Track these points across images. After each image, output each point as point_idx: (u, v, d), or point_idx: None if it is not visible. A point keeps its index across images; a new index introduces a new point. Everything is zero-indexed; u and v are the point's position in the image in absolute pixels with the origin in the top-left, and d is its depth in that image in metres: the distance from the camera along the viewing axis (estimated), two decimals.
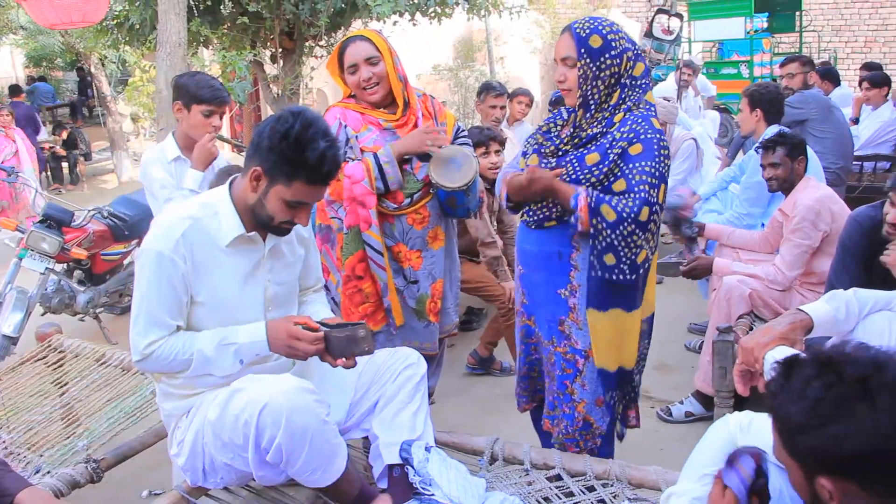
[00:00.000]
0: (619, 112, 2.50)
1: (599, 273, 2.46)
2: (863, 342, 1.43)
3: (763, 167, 4.02)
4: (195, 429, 2.28)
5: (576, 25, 2.48)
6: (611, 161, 2.45)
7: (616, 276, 2.44)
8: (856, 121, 7.60)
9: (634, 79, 2.51)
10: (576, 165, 2.51)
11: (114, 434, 2.85)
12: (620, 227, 2.38)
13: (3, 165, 7.42)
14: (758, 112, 4.71)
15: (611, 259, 2.43)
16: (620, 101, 2.50)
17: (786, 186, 3.94)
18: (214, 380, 2.28)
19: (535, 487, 2.55)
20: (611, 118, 2.50)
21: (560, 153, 2.58)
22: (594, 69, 2.45)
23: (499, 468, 2.67)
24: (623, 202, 2.40)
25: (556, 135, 2.65)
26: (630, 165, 2.44)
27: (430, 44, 11.46)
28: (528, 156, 2.68)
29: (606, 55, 2.44)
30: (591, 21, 2.48)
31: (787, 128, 4.76)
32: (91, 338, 4.81)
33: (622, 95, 2.50)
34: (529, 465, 2.64)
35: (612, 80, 2.48)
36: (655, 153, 2.43)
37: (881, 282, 2.80)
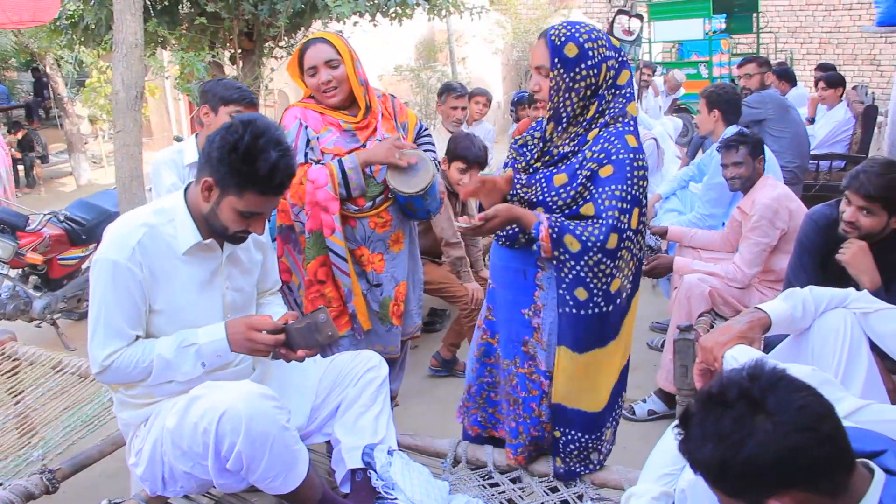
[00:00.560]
0: (595, 128, 2.33)
1: (574, 310, 2.29)
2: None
3: (725, 166, 4.06)
4: (153, 437, 2.24)
5: (551, 32, 2.30)
6: (579, 183, 2.30)
7: (592, 311, 2.28)
8: (812, 120, 7.72)
9: (617, 88, 2.35)
10: (543, 186, 2.37)
11: (70, 443, 2.80)
12: (586, 258, 2.23)
13: None
14: (716, 112, 4.76)
15: (582, 294, 2.26)
16: (598, 114, 2.34)
17: (747, 185, 3.98)
18: (173, 387, 2.24)
19: (499, 489, 2.55)
20: (584, 135, 2.34)
21: (531, 170, 2.45)
22: (567, 80, 2.28)
23: (462, 470, 2.67)
24: (589, 230, 2.23)
25: (530, 150, 2.50)
26: (600, 189, 2.26)
27: (392, 44, 11.43)
28: (505, 170, 2.55)
29: (582, 65, 2.26)
30: (569, 28, 2.30)
31: (745, 127, 4.82)
32: (49, 344, 4.73)
33: (600, 108, 2.34)
34: (493, 467, 2.64)
35: (588, 92, 2.31)
36: (627, 175, 2.25)
37: (837, 279, 2.85)
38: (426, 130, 3.30)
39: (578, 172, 2.31)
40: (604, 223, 2.23)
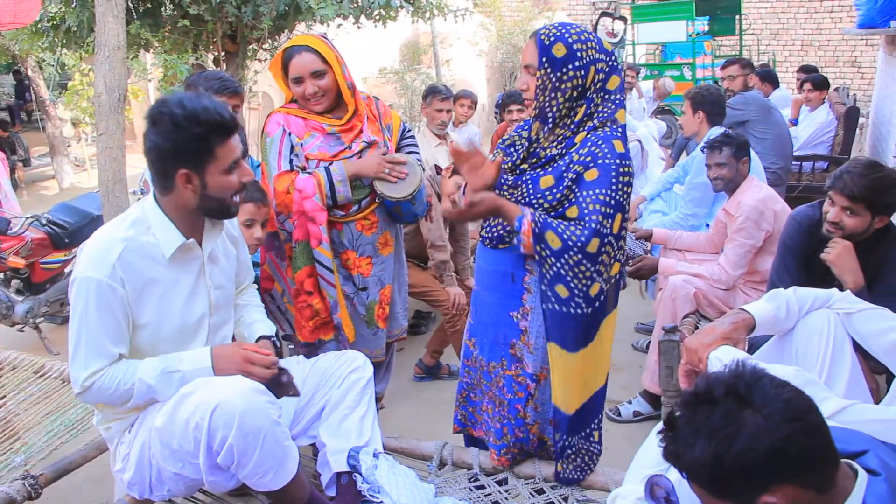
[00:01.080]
0: (582, 131, 2.32)
1: (556, 306, 2.29)
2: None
3: (709, 167, 4.08)
4: (141, 441, 2.23)
5: (542, 32, 2.29)
6: (565, 186, 2.28)
7: (572, 310, 2.27)
8: (794, 122, 7.76)
9: (607, 92, 2.33)
10: (529, 187, 2.35)
11: (53, 448, 2.78)
12: (566, 256, 2.22)
13: None
14: (700, 114, 4.79)
15: (563, 291, 2.26)
16: (585, 118, 2.32)
17: (731, 186, 4.00)
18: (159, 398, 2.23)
19: (485, 492, 2.55)
20: (572, 138, 2.32)
21: (517, 171, 2.43)
22: (554, 80, 2.26)
23: (448, 473, 2.67)
24: (571, 230, 2.22)
25: (517, 150, 2.47)
26: (584, 192, 2.25)
27: (376, 47, 11.41)
28: (495, 156, 2.54)
29: (569, 66, 2.24)
30: (560, 28, 2.28)
31: (729, 129, 4.84)
32: (31, 349, 4.70)
33: (588, 111, 2.31)
34: (479, 470, 2.64)
35: (575, 94, 2.29)
36: (612, 180, 2.24)
37: (821, 279, 2.87)
38: (410, 132, 3.29)
39: (565, 175, 2.29)
40: (586, 226, 2.22)
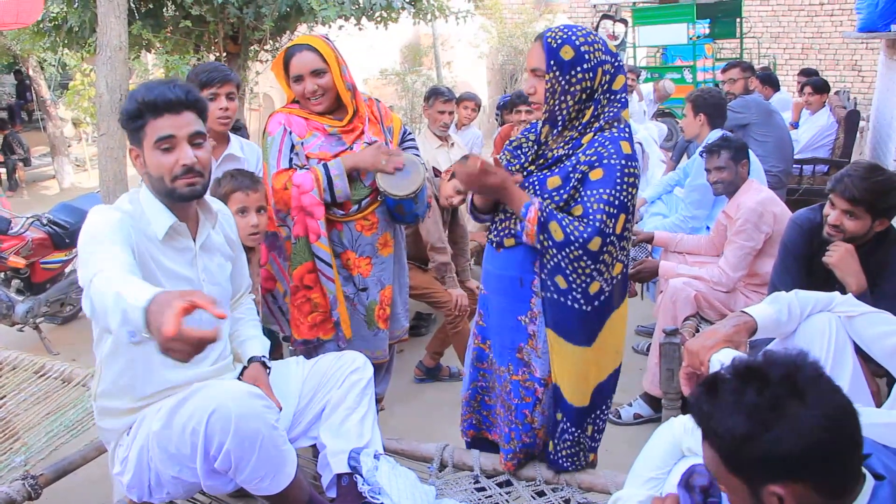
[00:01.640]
0: (589, 132, 2.32)
1: (555, 296, 2.31)
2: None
3: (708, 171, 4.08)
4: (139, 444, 2.21)
5: (548, 34, 2.29)
6: (571, 186, 2.30)
7: (570, 303, 2.29)
8: (795, 125, 7.76)
9: (613, 93, 2.33)
10: (537, 188, 2.36)
11: (53, 449, 2.77)
12: (567, 250, 2.23)
13: None
14: (701, 117, 4.79)
15: (562, 282, 2.28)
16: (593, 119, 2.32)
17: (731, 190, 4.00)
18: (155, 388, 2.21)
19: (486, 493, 2.54)
20: (579, 139, 2.33)
21: (525, 172, 2.44)
22: (563, 83, 2.26)
23: (449, 475, 2.66)
24: (574, 225, 2.24)
25: (524, 152, 2.48)
26: (589, 192, 2.26)
27: (377, 48, 11.42)
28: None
29: (578, 68, 2.25)
30: (565, 30, 2.28)
31: (730, 132, 4.84)
32: (31, 349, 4.69)
33: (595, 112, 2.32)
34: (479, 471, 2.64)
35: (584, 96, 2.29)
36: (617, 180, 2.24)
37: (823, 282, 2.87)
38: (410, 135, 3.29)
39: (571, 175, 2.30)
40: (589, 224, 2.23)
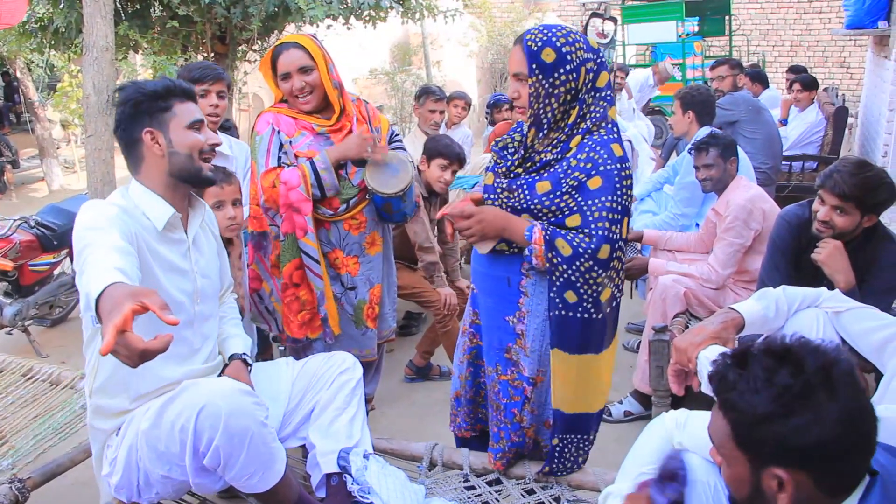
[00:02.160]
0: (577, 135, 2.28)
1: (563, 312, 2.27)
2: (798, 334, 1.45)
3: (697, 168, 4.09)
4: (128, 444, 2.21)
5: (528, 37, 2.24)
6: (564, 192, 2.26)
7: (581, 315, 2.27)
8: (784, 122, 7.79)
9: (597, 90, 2.29)
10: (525, 192, 2.32)
11: (41, 452, 2.76)
12: (577, 263, 2.20)
13: None
14: (690, 114, 4.80)
15: (572, 297, 2.25)
16: (579, 120, 2.29)
17: (719, 187, 4.01)
18: (149, 385, 2.21)
19: (475, 492, 2.54)
20: (567, 142, 2.29)
21: (512, 175, 2.40)
22: (547, 86, 2.23)
23: (438, 474, 2.66)
24: (580, 238, 2.21)
25: (510, 153, 2.44)
26: (589, 201, 2.23)
27: (366, 48, 11.41)
28: (487, 173, 2.52)
29: (561, 70, 2.21)
30: (545, 32, 2.23)
31: (719, 129, 4.85)
32: (20, 351, 4.67)
33: (581, 112, 2.28)
34: (469, 470, 2.63)
35: (569, 97, 2.26)
36: (616, 185, 2.23)
37: (811, 278, 2.88)
38: (398, 136, 3.31)
39: (563, 181, 2.27)
40: (595, 233, 2.21)
